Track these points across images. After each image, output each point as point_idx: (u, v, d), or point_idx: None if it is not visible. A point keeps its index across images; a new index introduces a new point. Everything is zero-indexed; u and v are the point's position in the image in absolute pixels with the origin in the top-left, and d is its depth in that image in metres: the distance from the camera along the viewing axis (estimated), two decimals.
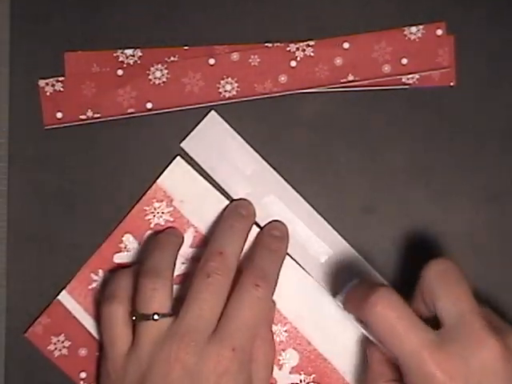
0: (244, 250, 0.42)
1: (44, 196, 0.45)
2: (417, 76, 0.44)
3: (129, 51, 0.45)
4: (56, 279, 0.44)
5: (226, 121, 0.44)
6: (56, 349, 0.44)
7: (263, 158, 0.44)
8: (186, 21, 0.45)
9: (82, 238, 0.44)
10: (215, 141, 0.44)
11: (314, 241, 0.43)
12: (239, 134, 0.44)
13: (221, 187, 0.44)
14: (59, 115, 0.44)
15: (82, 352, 0.44)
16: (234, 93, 0.44)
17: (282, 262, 0.42)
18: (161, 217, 0.44)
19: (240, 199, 0.44)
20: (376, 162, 0.44)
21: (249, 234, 0.42)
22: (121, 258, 0.44)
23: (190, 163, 0.44)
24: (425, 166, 0.44)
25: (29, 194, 0.45)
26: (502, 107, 0.44)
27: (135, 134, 0.45)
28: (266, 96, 0.44)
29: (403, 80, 0.44)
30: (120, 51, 0.45)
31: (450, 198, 0.44)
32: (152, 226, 0.44)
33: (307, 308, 0.43)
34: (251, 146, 0.44)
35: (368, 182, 0.44)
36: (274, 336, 0.43)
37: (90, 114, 0.44)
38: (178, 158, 0.44)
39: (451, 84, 0.44)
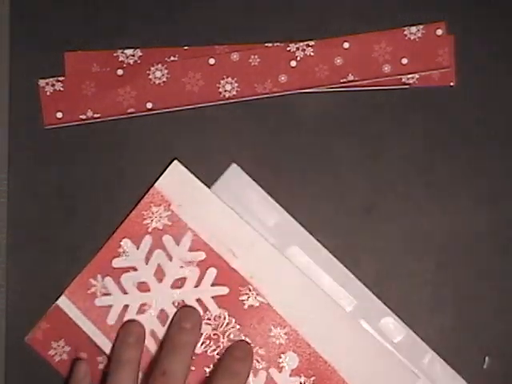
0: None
1: (44, 196, 0.45)
2: (417, 76, 0.44)
3: (129, 51, 0.45)
4: (56, 280, 0.44)
5: (227, 121, 0.44)
6: (56, 354, 0.44)
7: (263, 157, 0.44)
8: (186, 21, 0.45)
9: (82, 238, 0.44)
10: (237, 193, 0.44)
11: (339, 291, 0.43)
12: (239, 134, 0.44)
13: None
14: (59, 115, 0.44)
15: (82, 356, 0.44)
16: (234, 93, 0.44)
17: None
18: (159, 221, 0.44)
19: (185, 307, 0.43)
20: (376, 161, 0.44)
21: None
22: (119, 262, 0.44)
23: (187, 167, 0.44)
24: (425, 166, 0.44)
25: (29, 194, 0.45)
26: (501, 107, 0.44)
27: (135, 134, 0.45)
28: (265, 96, 0.44)
29: (403, 80, 0.44)
30: (120, 51, 0.45)
31: (450, 197, 0.44)
32: (150, 230, 0.44)
33: (306, 310, 0.43)
34: (271, 196, 0.44)
35: (368, 182, 0.44)
36: (274, 339, 0.43)
37: (90, 113, 0.44)
38: (175, 161, 0.44)
39: (451, 84, 0.44)
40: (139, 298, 0.43)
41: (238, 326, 0.43)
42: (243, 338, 0.43)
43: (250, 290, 0.43)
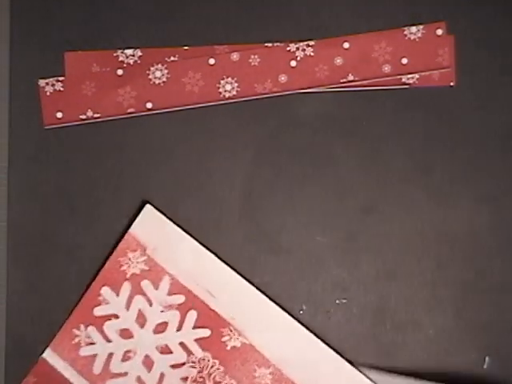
0: None
1: (44, 196, 0.45)
2: (417, 76, 0.44)
3: (129, 51, 0.45)
4: (56, 280, 0.44)
5: (227, 121, 0.44)
6: None
7: (263, 157, 0.44)
8: (186, 21, 0.45)
9: (82, 237, 0.44)
10: None
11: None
12: (239, 134, 0.44)
13: None
14: (59, 115, 0.44)
15: None
16: (234, 93, 0.44)
17: None
18: (136, 266, 0.44)
19: None
20: (376, 162, 0.44)
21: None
22: (101, 310, 0.44)
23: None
24: (425, 166, 0.44)
25: (29, 194, 0.45)
26: (501, 107, 0.44)
27: (135, 134, 0.45)
28: (265, 96, 0.44)
29: (403, 80, 0.44)
30: (120, 51, 0.45)
31: (450, 197, 0.44)
32: (128, 276, 0.44)
33: (290, 349, 0.43)
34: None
35: (368, 182, 0.44)
36: (259, 379, 0.42)
37: (90, 113, 0.44)
38: (148, 205, 0.44)
39: (451, 84, 0.44)
40: (123, 346, 0.43)
41: (222, 368, 0.43)
42: (229, 379, 0.43)
43: (231, 331, 0.43)
